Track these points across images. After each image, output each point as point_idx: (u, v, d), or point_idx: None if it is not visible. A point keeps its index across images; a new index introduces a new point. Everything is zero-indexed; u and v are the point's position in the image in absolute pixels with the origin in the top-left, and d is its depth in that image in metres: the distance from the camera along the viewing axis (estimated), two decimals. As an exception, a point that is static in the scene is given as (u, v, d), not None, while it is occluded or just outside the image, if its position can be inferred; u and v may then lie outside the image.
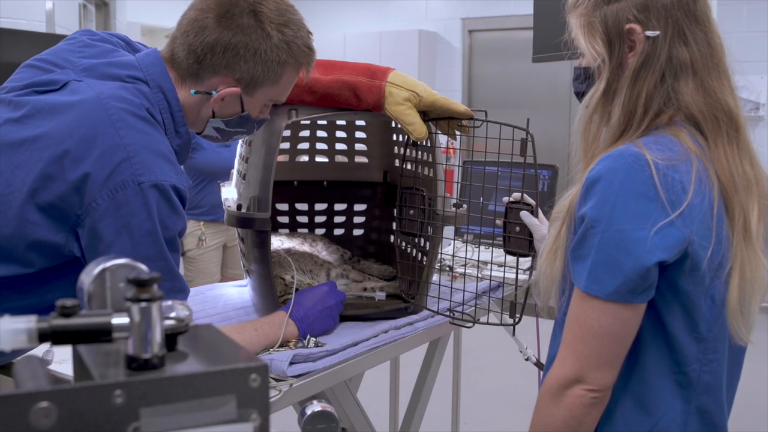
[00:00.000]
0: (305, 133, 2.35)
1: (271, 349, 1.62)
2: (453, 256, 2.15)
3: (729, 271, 1.22)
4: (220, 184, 2.09)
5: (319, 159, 2.44)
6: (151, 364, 0.67)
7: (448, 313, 1.87)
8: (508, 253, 1.79)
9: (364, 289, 2.04)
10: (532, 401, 1.34)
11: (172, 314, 0.85)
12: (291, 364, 1.53)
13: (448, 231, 2.02)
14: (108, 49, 1.49)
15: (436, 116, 1.85)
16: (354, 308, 1.91)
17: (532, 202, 1.76)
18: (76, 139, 1.31)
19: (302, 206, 2.46)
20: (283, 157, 2.42)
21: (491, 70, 7.36)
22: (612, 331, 1.21)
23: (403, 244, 2.12)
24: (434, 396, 2.53)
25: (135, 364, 0.66)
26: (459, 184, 2.18)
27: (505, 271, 1.87)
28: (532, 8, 3.18)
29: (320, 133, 2.36)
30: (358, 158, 2.44)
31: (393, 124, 2.19)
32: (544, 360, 1.85)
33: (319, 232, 2.46)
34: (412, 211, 1.95)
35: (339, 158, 2.45)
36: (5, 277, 1.36)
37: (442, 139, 1.96)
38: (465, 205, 1.99)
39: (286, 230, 2.43)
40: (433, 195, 1.89)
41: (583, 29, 1.32)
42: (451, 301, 1.88)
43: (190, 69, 1.46)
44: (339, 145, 2.40)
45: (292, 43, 1.48)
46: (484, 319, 1.83)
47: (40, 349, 1.60)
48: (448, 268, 2.36)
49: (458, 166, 2.35)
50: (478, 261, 2.08)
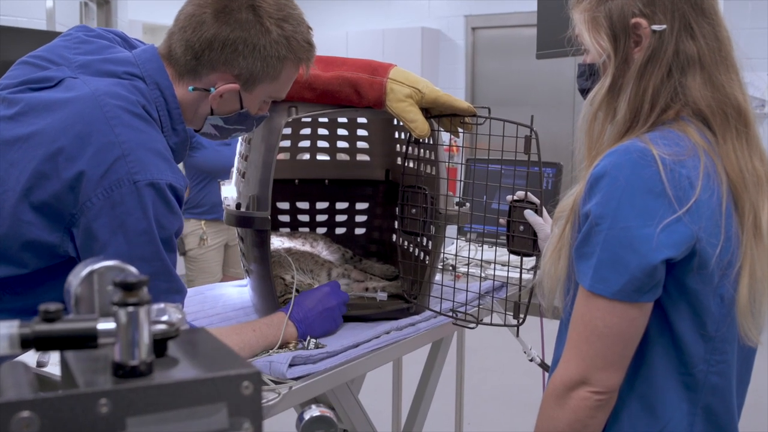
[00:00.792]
0: (306, 131, 2.32)
1: (271, 351, 1.59)
2: (456, 256, 2.12)
3: (738, 270, 1.19)
4: (221, 183, 2.06)
5: (320, 157, 2.41)
6: (138, 371, 0.64)
7: (450, 314, 1.84)
8: (511, 252, 1.76)
9: (366, 289, 2.01)
10: (536, 401, 1.31)
11: (164, 317, 0.82)
12: (290, 366, 1.51)
13: (451, 230, 1.99)
14: (104, 45, 1.47)
15: (438, 113, 1.82)
16: (355, 308, 1.88)
17: (536, 200, 1.73)
18: (70, 137, 1.29)
19: (303, 205, 2.43)
20: (283, 155, 2.40)
21: (495, 68, 7.32)
22: (618, 331, 1.18)
23: (405, 243, 2.09)
24: (438, 396, 2.51)
25: (122, 372, 0.64)
26: (462, 183, 2.15)
27: (508, 271, 1.84)
28: (535, 5, 3.15)
29: (321, 131, 2.33)
30: (360, 156, 2.41)
31: (395, 122, 2.17)
32: (549, 361, 1.82)
33: (321, 231, 2.43)
34: (414, 210, 1.92)
35: (340, 156, 2.42)
36: None
37: (445, 137, 1.93)
38: (468, 204, 1.96)
39: (287, 229, 2.40)
40: (436, 193, 1.86)
41: (588, 25, 1.29)
42: (453, 302, 1.85)
43: (188, 65, 1.44)
44: (340, 143, 2.37)
45: (291, 39, 1.46)
46: (487, 320, 1.80)
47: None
48: (451, 268, 2.33)
49: (461, 164, 2.32)
50: (482, 260, 2.05)
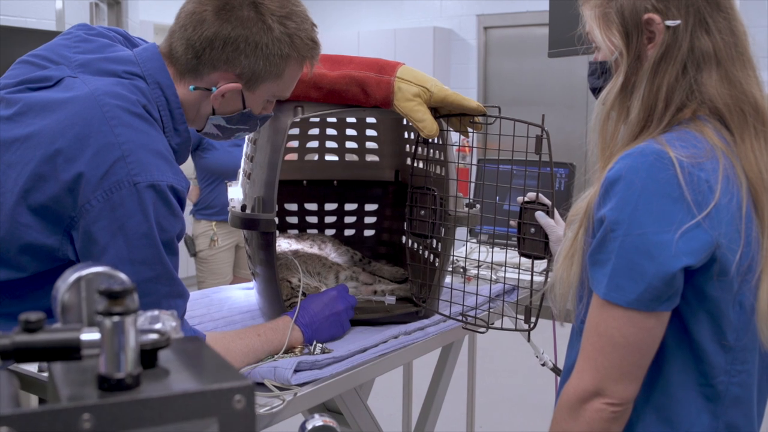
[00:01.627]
0: (314, 131, 2.28)
1: (276, 356, 1.56)
2: (466, 259, 2.08)
3: (759, 276, 1.15)
4: (227, 184, 2.03)
5: (328, 157, 2.38)
6: (124, 385, 0.61)
7: (460, 318, 1.80)
8: (522, 255, 1.72)
9: (374, 293, 1.97)
10: (548, 403, 1.27)
11: (157, 325, 0.79)
12: (296, 371, 1.47)
13: (461, 232, 1.95)
14: (105, 44, 1.44)
15: (447, 113, 1.78)
16: (363, 312, 1.84)
17: (547, 202, 1.69)
18: (69, 138, 1.26)
19: (311, 206, 2.40)
20: (292, 156, 2.36)
21: (507, 67, 7.26)
22: (634, 342, 1.13)
23: (415, 245, 2.05)
24: (448, 397, 2.47)
25: (107, 385, 0.60)
26: (473, 184, 2.11)
27: (519, 274, 1.80)
28: (547, 4, 3.11)
29: (330, 131, 2.30)
30: (369, 157, 2.38)
31: (405, 122, 2.13)
32: (561, 365, 1.78)
33: (329, 232, 2.39)
34: (423, 212, 1.88)
35: (349, 157, 2.38)
36: None
37: (455, 137, 1.89)
38: (478, 205, 1.91)
39: (295, 231, 2.37)
40: (445, 195, 1.82)
41: (599, 21, 1.24)
42: (463, 306, 1.81)
43: (189, 64, 1.40)
44: (349, 144, 2.33)
45: (294, 36, 1.42)
46: (498, 324, 1.76)
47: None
48: (461, 270, 2.29)
49: (472, 165, 2.28)
50: (492, 262, 2.01)
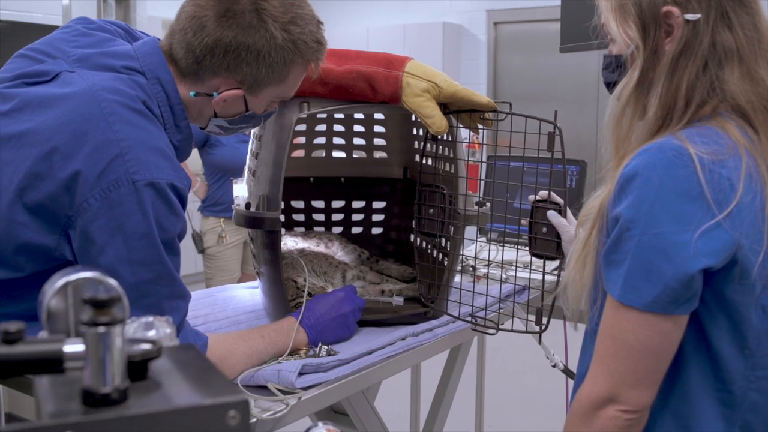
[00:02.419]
0: (321, 128, 2.25)
1: (280, 358, 1.52)
2: (475, 258, 2.03)
3: None
4: (233, 181, 1.99)
5: (336, 154, 2.34)
6: (110, 400, 0.57)
7: (469, 319, 1.75)
8: (533, 255, 1.67)
9: (382, 292, 1.93)
10: (558, 403, 1.22)
11: (151, 332, 0.75)
12: (300, 374, 1.43)
13: (471, 230, 1.90)
14: (104, 38, 1.40)
15: (456, 109, 1.73)
16: (370, 313, 1.80)
17: (560, 200, 1.64)
18: (66, 135, 1.22)
19: (318, 204, 2.36)
20: (298, 153, 2.33)
21: (517, 63, 7.20)
22: (650, 346, 1.09)
23: (423, 244, 2.01)
24: (457, 396, 2.43)
25: (91, 400, 0.56)
26: (483, 182, 2.07)
27: (530, 273, 1.75)
28: (557, -1, 3.06)
29: (337, 127, 2.26)
30: (377, 153, 2.33)
31: (413, 117, 2.08)
32: (572, 366, 1.73)
33: (336, 230, 2.36)
34: (431, 210, 1.84)
35: (357, 153, 2.34)
36: None
37: (465, 134, 1.84)
38: (488, 204, 1.87)
39: (302, 229, 2.33)
40: (454, 193, 1.78)
41: (615, 13, 1.19)
42: (473, 306, 1.77)
43: (189, 69, 1.36)
44: (357, 140, 2.29)
45: (298, 41, 1.37)
46: (508, 325, 1.71)
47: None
48: (471, 269, 2.24)
49: (482, 162, 2.23)
50: (502, 262, 1.97)
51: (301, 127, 2.20)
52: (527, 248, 1.70)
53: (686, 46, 1.13)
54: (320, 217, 2.36)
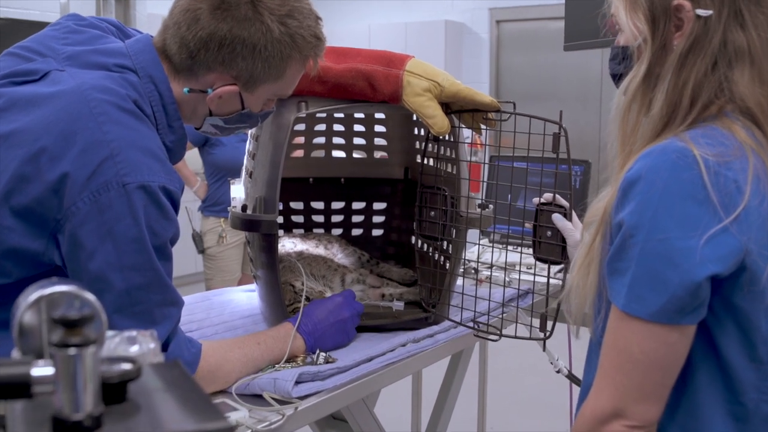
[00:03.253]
0: (321, 127, 2.20)
1: (277, 365, 1.48)
2: (478, 262, 1.99)
3: None
4: (230, 182, 1.95)
5: (336, 154, 2.30)
6: (82, 427, 0.52)
7: (471, 324, 1.71)
8: (538, 259, 1.62)
9: (382, 296, 1.88)
10: (561, 405, 1.18)
11: (133, 348, 0.71)
12: (297, 383, 1.39)
13: (473, 232, 1.86)
14: (95, 35, 1.35)
15: (459, 108, 1.69)
16: (370, 318, 1.75)
17: (565, 203, 1.59)
18: (53, 135, 1.18)
19: (318, 205, 2.31)
20: (297, 152, 2.28)
21: (520, 62, 7.16)
22: (656, 358, 1.04)
23: (424, 246, 1.96)
24: (459, 398, 2.38)
25: (62, 428, 0.52)
26: (485, 183, 2.02)
27: (535, 276, 1.70)
28: (560, -3, 3.01)
29: (337, 127, 2.22)
30: (378, 153, 2.29)
31: (415, 117, 2.04)
32: (575, 370, 1.69)
33: (336, 232, 2.31)
34: (433, 213, 1.79)
35: (357, 153, 2.30)
36: None
37: (467, 134, 1.79)
38: (491, 206, 1.82)
39: (301, 230, 2.29)
40: (456, 195, 1.73)
41: (625, 2, 1.15)
42: (475, 312, 1.72)
43: (183, 64, 1.32)
44: (357, 140, 2.25)
45: (296, 35, 1.33)
46: (511, 330, 1.67)
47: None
48: (473, 271, 2.20)
49: (485, 163, 2.18)
50: (506, 265, 1.92)
51: (300, 127, 2.16)
52: (531, 251, 1.65)
53: (696, 43, 1.09)
54: (320, 219, 2.32)
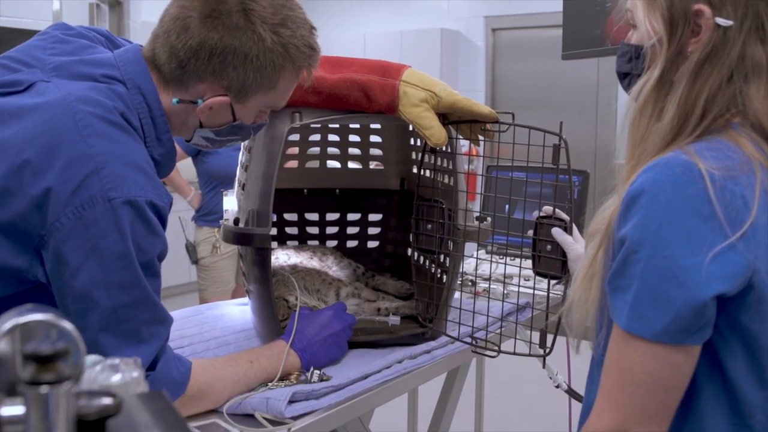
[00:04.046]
0: (315, 137, 2.16)
1: (270, 384, 1.44)
2: (476, 275, 1.95)
3: None
4: (223, 193, 1.91)
5: (330, 165, 2.26)
6: (54, 472, 0.48)
7: (469, 340, 1.67)
8: (537, 274, 1.59)
9: (378, 310, 1.84)
10: (559, 414, 1.14)
11: (115, 377, 0.67)
12: (290, 402, 1.35)
13: (471, 245, 1.82)
14: (83, 45, 1.32)
15: (456, 119, 1.65)
16: (365, 333, 1.71)
17: (565, 217, 1.55)
18: (37, 148, 1.14)
19: (312, 216, 2.27)
20: (291, 163, 2.24)
21: (515, 70, 7.15)
22: (659, 379, 1.01)
23: (421, 259, 1.93)
24: (456, 408, 2.34)
25: (32, 472, 0.48)
26: (482, 196, 1.98)
27: (534, 289, 1.66)
28: (557, 5, 2.99)
29: (332, 137, 2.18)
30: (373, 164, 2.25)
31: (411, 127, 2.00)
32: (575, 386, 1.65)
33: (331, 244, 2.27)
34: (429, 226, 1.75)
35: (352, 164, 2.26)
36: None
37: (463, 143, 1.76)
38: (489, 219, 1.79)
39: (295, 242, 2.25)
40: (454, 207, 1.70)
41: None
42: (473, 327, 1.68)
43: (173, 74, 1.28)
44: (352, 150, 2.21)
45: (289, 45, 1.29)
46: (509, 346, 1.63)
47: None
48: (470, 283, 2.16)
49: (482, 175, 2.15)
50: (504, 277, 1.88)
51: (294, 137, 2.12)
52: (530, 265, 1.61)
53: (713, 53, 1.05)
54: (314, 230, 2.28)
